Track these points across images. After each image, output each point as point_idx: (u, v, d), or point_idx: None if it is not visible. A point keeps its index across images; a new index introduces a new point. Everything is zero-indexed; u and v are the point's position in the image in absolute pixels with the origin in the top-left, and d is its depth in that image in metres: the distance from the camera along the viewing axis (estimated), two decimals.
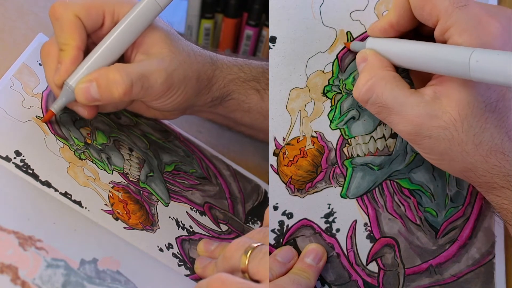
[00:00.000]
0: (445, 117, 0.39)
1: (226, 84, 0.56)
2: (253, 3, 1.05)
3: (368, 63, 0.43)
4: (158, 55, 0.51)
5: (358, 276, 0.48)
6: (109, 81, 0.48)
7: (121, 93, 0.48)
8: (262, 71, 0.58)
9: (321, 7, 0.46)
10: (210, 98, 0.56)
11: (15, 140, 0.48)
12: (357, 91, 0.43)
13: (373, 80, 0.42)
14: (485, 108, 0.38)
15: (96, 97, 0.48)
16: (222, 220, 0.57)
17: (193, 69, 0.53)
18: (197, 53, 0.54)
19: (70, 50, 0.48)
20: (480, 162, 0.40)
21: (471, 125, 0.39)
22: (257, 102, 0.58)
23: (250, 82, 0.57)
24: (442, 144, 0.40)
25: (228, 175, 0.61)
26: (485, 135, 0.39)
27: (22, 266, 0.42)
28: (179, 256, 0.52)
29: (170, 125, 0.62)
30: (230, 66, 0.57)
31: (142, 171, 0.55)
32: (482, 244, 0.49)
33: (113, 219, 0.49)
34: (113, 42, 0.49)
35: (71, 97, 0.49)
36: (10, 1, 0.59)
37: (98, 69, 0.49)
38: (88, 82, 0.48)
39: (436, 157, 0.41)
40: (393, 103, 0.41)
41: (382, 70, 0.42)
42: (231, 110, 0.58)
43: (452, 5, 0.38)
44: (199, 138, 0.63)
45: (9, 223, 0.43)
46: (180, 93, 0.52)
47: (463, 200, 0.49)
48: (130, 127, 0.57)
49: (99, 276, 0.45)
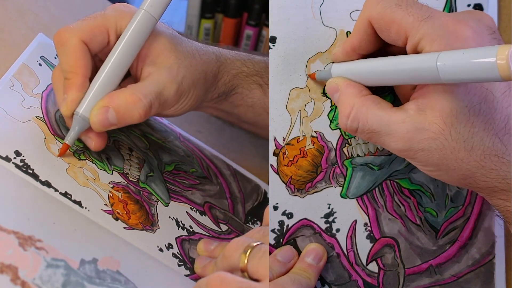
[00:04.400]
0: (432, 128, 0.39)
1: (231, 79, 0.56)
2: (253, 3, 1.05)
3: (342, 93, 0.43)
4: (165, 64, 0.50)
5: (358, 276, 0.48)
6: (127, 105, 0.48)
7: (142, 115, 0.49)
8: (264, 66, 0.58)
9: (321, 7, 0.46)
10: (216, 94, 0.56)
11: (15, 140, 0.48)
12: (343, 125, 0.43)
13: (355, 110, 0.42)
14: (469, 112, 0.38)
15: (113, 123, 0.48)
16: (222, 220, 0.57)
17: (199, 70, 0.53)
18: (201, 52, 0.54)
19: (75, 79, 0.48)
20: (477, 168, 0.40)
21: (459, 131, 0.38)
22: (260, 97, 0.58)
23: (253, 76, 0.57)
24: (435, 154, 0.39)
25: (228, 174, 0.61)
26: (475, 140, 0.39)
27: (22, 266, 0.42)
28: (179, 256, 0.52)
29: (170, 125, 0.62)
30: (234, 61, 0.57)
31: (142, 171, 0.55)
32: (482, 244, 0.49)
33: (113, 219, 0.49)
34: (116, 63, 0.49)
35: (84, 125, 0.49)
36: (10, 1, 0.59)
37: (110, 94, 0.48)
38: (104, 108, 0.48)
39: (433, 169, 0.41)
40: (380, 126, 0.41)
41: (359, 98, 0.42)
42: (235, 105, 0.58)
43: (417, 19, 0.39)
44: (199, 138, 0.63)
45: (9, 223, 0.43)
46: (190, 97, 0.53)
47: (463, 200, 0.49)
48: (129, 127, 0.57)
49: (99, 276, 0.45)
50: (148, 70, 0.50)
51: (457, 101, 0.38)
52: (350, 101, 0.42)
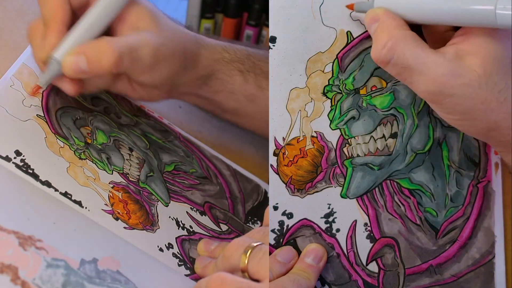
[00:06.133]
0: (470, 75, 0.38)
1: (212, 63, 0.56)
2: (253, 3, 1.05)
3: (382, 23, 0.42)
4: (145, 29, 0.51)
5: (358, 276, 0.48)
6: (98, 52, 0.48)
7: (111, 63, 0.48)
8: (246, 53, 0.58)
9: (321, 7, 0.46)
10: (196, 76, 0.56)
11: (16, 139, 0.48)
12: (377, 54, 0.41)
13: (393, 41, 0.40)
14: (511, 64, 0.38)
15: (84, 69, 0.48)
16: (222, 220, 0.57)
17: (179, 44, 0.53)
18: (182, 31, 0.55)
19: (54, 25, 0.48)
20: (504, 120, 0.39)
21: (496, 82, 0.38)
22: (241, 84, 0.58)
23: (234, 63, 0.57)
24: (465, 102, 0.39)
25: (228, 174, 0.61)
26: (509, 92, 0.38)
27: (22, 266, 0.42)
28: (179, 256, 0.52)
29: (170, 125, 0.62)
30: (214, 46, 0.57)
31: (142, 171, 0.55)
32: (482, 244, 0.49)
33: (113, 219, 0.49)
34: (97, 15, 0.49)
35: (58, 71, 0.49)
36: (10, 1, 0.59)
37: (86, 42, 0.49)
38: (76, 54, 0.48)
39: (458, 117, 0.40)
40: (415, 63, 0.40)
41: (399, 30, 0.41)
42: (215, 91, 0.58)
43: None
44: (199, 138, 0.63)
45: (9, 223, 0.43)
46: (167, 67, 0.52)
47: (463, 200, 0.49)
48: (130, 126, 0.57)
49: (99, 276, 0.45)
50: (128, 32, 0.51)
51: (501, 50, 0.38)
52: (389, 32, 0.41)
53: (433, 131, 0.48)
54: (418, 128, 0.48)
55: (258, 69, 0.58)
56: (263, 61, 0.59)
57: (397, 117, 0.48)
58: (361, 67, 0.47)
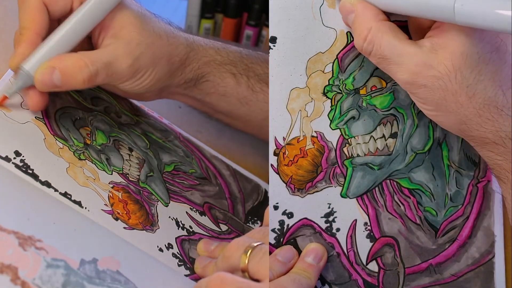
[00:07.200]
0: (439, 68, 0.39)
1: (201, 66, 0.56)
2: (253, 3, 1.05)
3: (359, 15, 0.43)
4: (125, 38, 0.50)
5: (358, 276, 0.48)
6: (73, 68, 0.48)
7: (86, 79, 0.48)
8: (239, 56, 0.58)
9: (321, 8, 0.46)
10: (183, 79, 0.56)
11: (15, 141, 0.48)
12: (359, 46, 0.43)
13: (371, 33, 0.42)
14: (479, 59, 0.39)
15: (57, 84, 0.48)
16: (222, 220, 0.57)
17: (163, 51, 0.52)
18: (170, 35, 0.54)
19: (27, 34, 0.48)
20: (474, 115, 0.40)
21: (465, 76, 0.39)
22: (233, 86, 0.57)
23: (226, 65, 0.57)
24: (436, 93, 0.40)
25: (228, 175, 0.61)
26: (478, 87, 0.39)
27: (22, 266, 0.42)
28: (179, 256, 0.52)
29: (170, 125, 0.62)
30: (206, 49, 0.57)
31: (142, 171, 0.55)
32: (482, 244, 0.49)
33: (113, 219, 0.49)
34: (72, 27, 0.49)
35: (27, 81, 0.48)
36: (10, 1, 0.59)
37: (59, 56, 0.48)
38: (49, 68, 0.47)
39: (431, 108, 0.41)
40: (392, 54, 0.41)
41: (376, 22, 0.42)
42: (206, 93, 0.58)
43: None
44: (199, 138, 0.63)
45: (9, 223, 0.43)
46: (149, 75, 0.52)
47: (462, 200, 0.49)
48: (130, 125, 0.57)
49: (99, 276, 0.45)
50: (108, 42, 0.50)
51: (470, 45, 0.38)
52: (367, 23, 0.42)
53: (433, 131, 0.48)
54: (418, 128, 0.48)
55: (251, 72, 0.58)
56: (257, 64, 0.59)
57: (397, 117, 0.48)
58: (361, 67, 0.47)
